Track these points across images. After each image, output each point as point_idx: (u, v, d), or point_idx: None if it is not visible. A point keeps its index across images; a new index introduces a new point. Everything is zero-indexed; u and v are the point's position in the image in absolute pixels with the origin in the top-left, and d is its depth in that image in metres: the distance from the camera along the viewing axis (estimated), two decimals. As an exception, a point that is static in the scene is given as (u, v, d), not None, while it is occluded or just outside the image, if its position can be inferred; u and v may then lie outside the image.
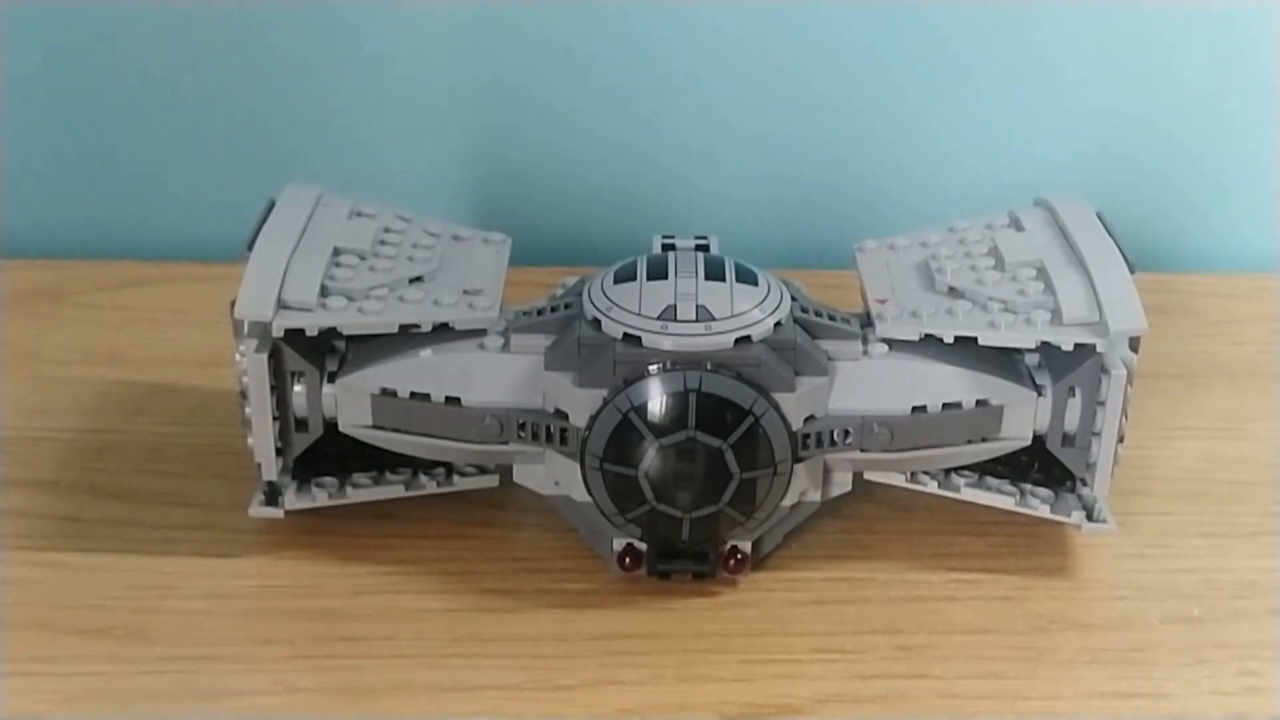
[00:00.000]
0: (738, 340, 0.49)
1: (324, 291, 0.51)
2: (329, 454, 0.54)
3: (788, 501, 0.51)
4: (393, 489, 0.54)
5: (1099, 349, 0.50)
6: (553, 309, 0.52)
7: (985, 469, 0.54)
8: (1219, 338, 0.69)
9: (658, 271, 0.51)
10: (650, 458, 0.48)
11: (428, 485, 0.54)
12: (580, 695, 0.48)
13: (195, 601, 0.52)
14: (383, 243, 0.54)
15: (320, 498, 0.54)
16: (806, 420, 0.50)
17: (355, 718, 0.47)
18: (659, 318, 0.49)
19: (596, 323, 0.50)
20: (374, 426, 0.52)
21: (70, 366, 0.66)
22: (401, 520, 0.55)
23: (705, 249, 0.54)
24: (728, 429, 0.48)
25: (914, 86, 0.74)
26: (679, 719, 0.47)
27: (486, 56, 0.74)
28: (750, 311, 0.50)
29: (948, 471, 0.54)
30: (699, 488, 0.49)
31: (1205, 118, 0.75)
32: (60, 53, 0.74)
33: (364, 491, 0.54)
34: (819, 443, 0.50)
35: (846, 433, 0.50)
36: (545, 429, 0.50)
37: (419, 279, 0.53)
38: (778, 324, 0.50)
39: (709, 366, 0.48)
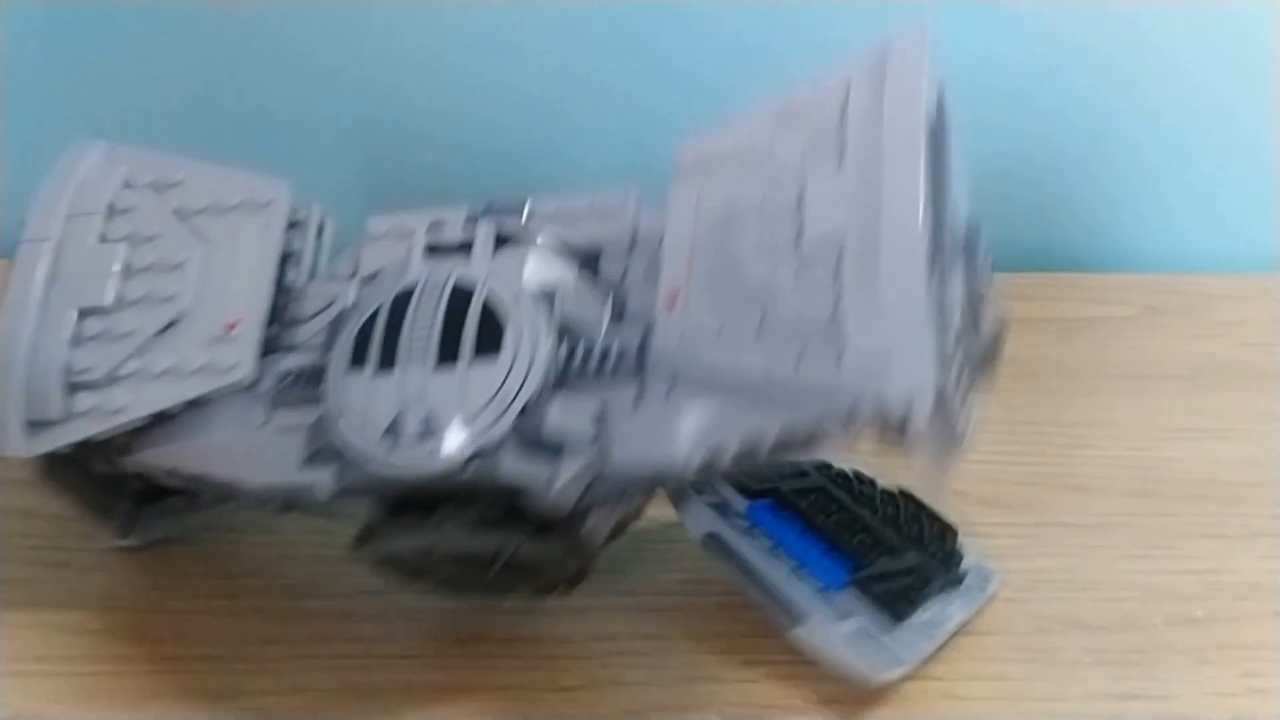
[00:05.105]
0: (471, 459, 0.41)
1: (71, 389, 0.46)
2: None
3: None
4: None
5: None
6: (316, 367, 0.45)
7: None
8: (1221, 338, 0.68)
9: (388, 352, 0.43)
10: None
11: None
12: (583, 695, 0.48)
13: (195, 601, 0.52)
14: (130, 271, 0.47)
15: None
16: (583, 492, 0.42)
17: (359, 718, 0.47)
18: (385, 434, 0.42)
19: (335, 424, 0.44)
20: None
21: (70, 365, 0.65)
22: (403, 520, 0.55)
23: (504, 239, 0.46)
24: (482, 570, 0.46)
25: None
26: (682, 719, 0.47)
27: (491, 60, 0.74)
28: (484, 412, 0.42)
29: None
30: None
31: (1206, 116, 0.75)
32: (60, 50, 0.74)
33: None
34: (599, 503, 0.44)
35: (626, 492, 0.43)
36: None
37: (172, 324, 0.46)
38: (524, 409, 0.42)
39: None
